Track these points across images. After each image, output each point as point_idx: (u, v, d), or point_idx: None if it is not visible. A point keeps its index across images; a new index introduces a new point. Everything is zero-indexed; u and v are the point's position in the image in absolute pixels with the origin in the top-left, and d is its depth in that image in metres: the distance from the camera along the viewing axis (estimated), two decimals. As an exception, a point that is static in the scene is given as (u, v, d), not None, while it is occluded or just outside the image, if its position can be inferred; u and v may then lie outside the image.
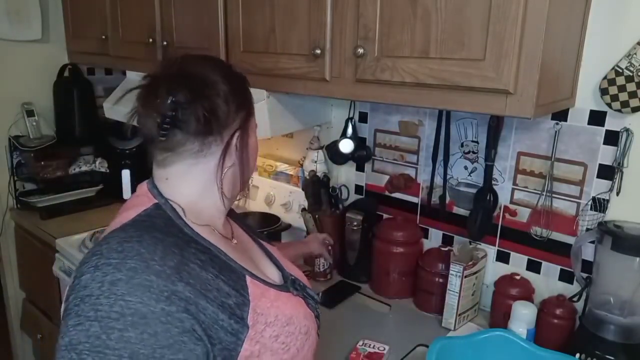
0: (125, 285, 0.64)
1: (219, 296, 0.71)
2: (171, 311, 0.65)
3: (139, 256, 0.66)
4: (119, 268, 0.65)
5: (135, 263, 0.66)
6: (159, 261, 0.67)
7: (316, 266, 1.61)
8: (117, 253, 0.67)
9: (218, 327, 0.69)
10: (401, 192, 1.65)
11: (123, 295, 0.64)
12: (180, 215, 0.78)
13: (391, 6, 1.08)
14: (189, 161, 0.80)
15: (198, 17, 1.53)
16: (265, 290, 0.80)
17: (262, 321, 0.75)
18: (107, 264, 0.66)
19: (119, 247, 0.68)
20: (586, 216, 1.27)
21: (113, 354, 0.62)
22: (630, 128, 1.17)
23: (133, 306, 0.63)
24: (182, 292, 0.66)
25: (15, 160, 2.11)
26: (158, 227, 0.73)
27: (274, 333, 0.77)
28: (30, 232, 2.03)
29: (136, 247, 0.68)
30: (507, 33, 0.91)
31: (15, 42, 2.07)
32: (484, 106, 0.99)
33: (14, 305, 2.29)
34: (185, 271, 0.68)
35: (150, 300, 0.64)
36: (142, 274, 0.65)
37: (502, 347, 1.04)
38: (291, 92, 1.40)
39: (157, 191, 0.81)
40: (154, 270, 0.66)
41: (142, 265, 0.66)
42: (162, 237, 0.71)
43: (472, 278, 1.37)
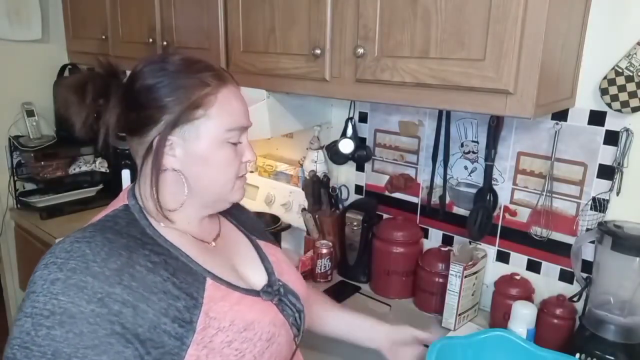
0: (61, 285, 0.66)
1: (165, 299, 0.71)
2: (102, 313, 0.66)
3: (82, 257, 0.68)
4: (61, 268, 0.67)
5: (76, 263, 0.67)
6: (100, 263, 0.68)
7: (317, 267, 1.61)
8: (65, 253, 0.69)
9: (160, 331, 0.69)
10: (401, 192, 1.65)
11: (57, 294, 0.66)
12: (146, 216, 0.79)
13: (391, 6, 1.08)
14: (136, 161, 0.81)
15: (198, 17, 1.53)
16: (227, 294, 0.79)
17: (214, 325, 0.74)
18: (54, 262, 0.68)
19: (69, 247, 0.69)
20: (586, 216, 1.27)
21: (38, 351, 0.64)
22: (630, 128, 1.17)
23: (64, 305, 0.65)
24: (119, 295, 0.67)
25: (15, 160, 2.11)
26: (116, 229, 0.74)
27: (227, 338, 0.75)
28: (30, 232, 2.03)
29: (83, 248, 0.69)
30: (507, 33, 0.91)
31: (15, 42, 2.07)
32: (484, 106, 0.99)
33: (14, 305, 2.30)
34: (128, 274, 0.69)
35: (81, 300, 0.65)
36: (80, 274, 0.67)
37: (502, 347, 1.04)
38: (291, 92, 1.40)
39: (132, 192, 0.82)
40: (93, 271, 0.67)
41: (82, 266, 0.67)
42: (114, 238, 0.72)
43: (472, 278, 1.37)
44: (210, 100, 0.77)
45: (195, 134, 0.77)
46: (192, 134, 0.77)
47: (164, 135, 0.76)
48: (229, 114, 0.79)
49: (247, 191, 2.00)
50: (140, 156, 0.80)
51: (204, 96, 0.77)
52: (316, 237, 1.69)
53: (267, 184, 1.92)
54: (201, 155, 0.78)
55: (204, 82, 0.78)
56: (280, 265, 0.95)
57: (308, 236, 1.74)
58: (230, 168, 0.81)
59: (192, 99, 0.76)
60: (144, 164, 0.79)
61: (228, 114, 0.79)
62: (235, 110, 0.81)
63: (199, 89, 0.77)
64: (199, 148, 0.78)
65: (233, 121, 0.80)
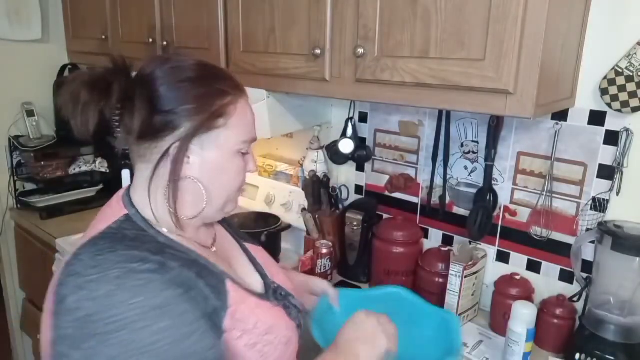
0: (122, 292, 0.64)
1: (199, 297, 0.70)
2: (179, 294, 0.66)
3: (117, 265, 0.65)
4: (104, 281, 0.64)
5: (118, 272, 0.65)
6: (138, 264, 0.66)
7: (317, 267, 1.61)
8: (93, 268, 0.65)
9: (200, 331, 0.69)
10: (401, 192, 1.65)
11: (128, 299, 0.63)
12: (152, 225, 0.76)
13: (391, 6, 1.08)
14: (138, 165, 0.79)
15: (198, 17, 1.53)
16: (246, 297, 0.79)
17: (239, 328, 0.74)
18: (88, 281, 0.65)
19: (92, 262, 0.66)
20: (586, 216, 1.27)
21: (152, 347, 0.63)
22: (630, 128, 1.17)
23: (146, 303, 0.64)
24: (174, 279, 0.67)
25: (15, 160, 2.11)
26: (129, 238, 0.72)
27: (251, 341, 0.75)
28: (30, 232, 2.03)
29: (110, 257, 0.66)
30: (507, 33, 0.91)
31: (15, 42, 2.07)
32: (484, 106, 0.99)
33: (14, 305, 2.29)
34: (168, 267, 0.68)
35: (155, 292, 0.65)
36: (131, 277, 0.65)
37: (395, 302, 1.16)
38: (291, 92, 1.40)
39: (128, 199, 0.79)
40: (139, 270, 0.65)
41: (125, 271, 0.65)
42: (136, 244, 0.70)
43: (472, 278, 1.37)
44: (231, 110, 0.77)
45: (213, 143, 0.76)
46: (211, 142, 0.76)
47: (184, 143, 0.74)
48: (246, 124, 0.80)
49: (247, 191, 2.01)
50: (150, 161, 0.76)
51: (225, 105, 0.76)
52: (316, 237, 1.69)
53: (267, 184, 1.92)
54: (217, 165, 0.77)
55: (225, 91, 0.77)
56: (269, 267, 0.95)
57: (308, 236, 1.73)
58: (239, 178, 0.81)
59: (214, 108, 0.75)
60: (156, 169, 0.75)
61: (245, 124, 0.79)
62: (250, 121, 0.81)
63: (220, 98, 0.76)
64: (216, 157, 0.77)
65: (248, 132, 0.80)
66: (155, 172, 0.75)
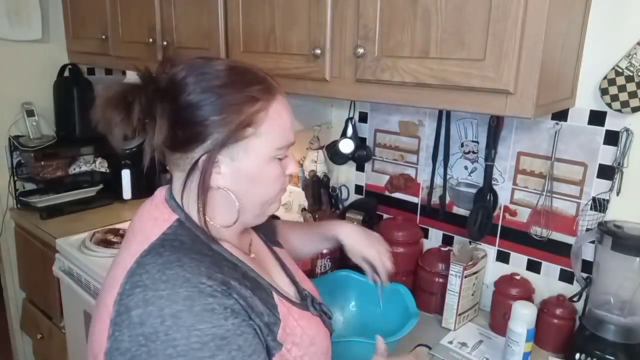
0: (189, 315, 0.63)
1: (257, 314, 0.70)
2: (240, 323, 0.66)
3: (187, 283, 0.65)
4: (174, 299, 0.63)
5: (187, 291, 0.64)
6: (207, 282, 0.65)
7: (318, 267, 1.61)
8: (164, 283, 0.65)
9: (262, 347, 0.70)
10: (401, 192, 1.65)
11: (193, 325, 0.63)
12: (205, 230, 0.75)
13: (391, 6, 1.08)
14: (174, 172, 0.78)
15: (198, 17, 1.53)
16: (290, 308, 0.78)
17: (290, 340, 0.73)
18: (157, 296, 0.64)
19: (162, 275, 0.65)
20: (586, 216, 1.27)
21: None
22: (630, 128, 1.17)
23: (209, 332, 0.63)
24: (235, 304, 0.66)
25: (15, 160, 2.11)
26: (188, 246, 0.71)
27: (299, 353, 0.74)
28: (30, 232, 2.03)
29: (180, 273, 0.65)
30: (507, 33, 0.91)
31: (15, 42, 2.07)
32: (484, 106, 0.99)
33: (14, 305, 2.29)
34: (231, 287, 0.68)
35: (219, 320, 0.64)
36: (200, 299, 0.64)
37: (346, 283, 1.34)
38: (291, 92, 1.39)
39: (174, 203, 0.77)
40: (207, 292, 0.65)
41: (195, 291, 0.64)
42: (199, 257, 0.69)
43: (472, 278, 1.37)
44: (260, 117, 0.73)
45: (243, 153, 0.73)
46: (241, 152, 0.73)
47: (212, 155, 0.72)
48: (279, 130, 0.75)
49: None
50: (184, 170, 0.75)
51: (253, 113, 0.72)
52: (316, 237, 1.69)
53: (267, 184, 1.92)
54: (249, 174, 0.74)
55: (254, 98, 0.72)
56: (296, 271, 0.93)
57: (308, 236, 1.73)
58: (277, 183, 0.78)
59: (241, 118, 0.71)
60: (188, 178, 0.74)
61: (278, 130, 0.75)
62: (285, 124, 0.76)
63: (249, 105, 0.72)
64: (247, 166, 0.74)
65: (283, 137, 0.76)
66: (187, 181, 0.74)
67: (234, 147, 0.72)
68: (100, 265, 1.64)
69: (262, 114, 0.73)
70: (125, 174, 2.20)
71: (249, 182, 0.75)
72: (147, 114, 0.70)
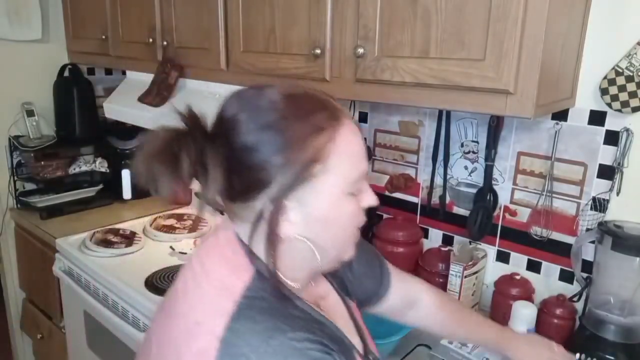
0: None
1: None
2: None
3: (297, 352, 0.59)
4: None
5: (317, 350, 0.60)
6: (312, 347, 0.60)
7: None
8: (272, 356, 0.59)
9: None
10: (401, 192, 1.65)
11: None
12: (285, 283, 0.67)
13: (391, 6, 1.08)
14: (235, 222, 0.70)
15: (198, 17, 1.53)
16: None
17: None
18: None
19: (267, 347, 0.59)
20: (586, 216, 1.27)
21: None
22: (631, 128, 1.17)
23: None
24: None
25: (15, 160, 2.11)
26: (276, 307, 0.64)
27: None
28: (30, 232, 2.03)
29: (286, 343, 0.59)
30: (507, 33, 0.91)
31: (15, 42, 2.07)
32: (484, 106, 0.99)
33: (14, 305, 2.29)
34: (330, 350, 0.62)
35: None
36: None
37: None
38: (291, 92, 1.40)
39: (247, 247, 0.68)
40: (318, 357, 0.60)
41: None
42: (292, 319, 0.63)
43: (472, 278, 1.37)
44: (329, 149, 0.62)
45: (314, 195, 0.63)
46: (311, 194, 0.63)
47: (278, 203, 0.63)
48: (351, 160, 0.65)
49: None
50: (248, 221, 0.66)
51: (320, 147, 0.62)
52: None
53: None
54: (323, 217, 0.65)
55: (320, 128, 0.62)
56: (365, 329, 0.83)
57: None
58: (354, 222, 0.68)
59: (307, 155, 0.61)
60: (254, 231, 0.66)
61: (349, 161, 0.65)
62: (356, 153, 0.66)
63: (313, 138, 0.62)
64: (320, 209, 0.64)
65: (356, 168, 0.66)
66: (254, 232, 0.66)
67: (302, 189, 0.62)
68: (100, 265, 1.64)
69: (330, 145, 0.63)
70: (125, 174, 2.20)
71: (324, 226, 0.66)
72: (197, 163, 0.62)
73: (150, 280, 1.55)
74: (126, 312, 1.51)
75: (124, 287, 1.51)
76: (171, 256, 1.72)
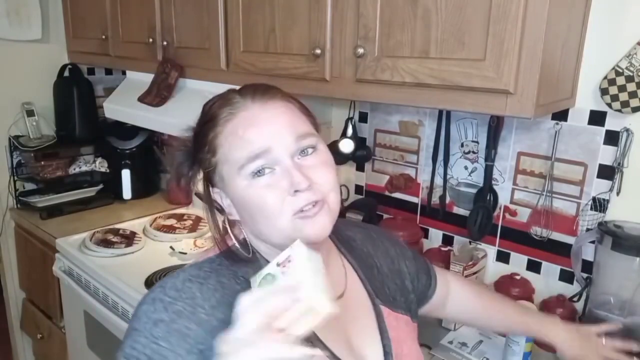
0: (165, 328, 0.62)
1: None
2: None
3: (190, 300, 0.63)
4: (167, 308, 0.63)
5: (182, 307, 0.63)
6: (208, 310, 0.63)
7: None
8: (175, 291, 0.65)
9: None
10: (401, 192, 1.65)
11: (158, 339, 0.61)
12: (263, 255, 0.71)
13: (391, 6, 1.08)
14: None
15: (198, 17, 1.53)
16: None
17: None
18: (161, 300, 0.64)
19: (180, 284, 0.65)
20: (586, 216, 1.27)
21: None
22: (631, 128, 1.17)
23: (163, 352, 0.61)
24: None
25: (15, 160, 2.11)
26: (233, 269, 0.69)
27: None
28: (30, 232, 2.03)
29: (193, 290, 0.65)
30: (507, 33, 0.91)
31: (15, 42, 2.07)
32: (484, 106, 0.99)
33: (14, 305, 2.29)
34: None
35: (181, 349, 0.61)
36: (185, 319, 0.62)
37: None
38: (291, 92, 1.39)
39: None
40: (198, 318, 0.62)
41: (189, 310, 0.63)
42: (228, 283, 0.66)
43: (472, 278, 1.37)
44: (218, 141, 0.69)
45: (223, 183, 0.70)
46: (222, 182, 0.70)
47: (206, 190, 0.72)
48: (235, 144, 0.67)
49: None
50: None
51: (212, 140, 0.69)
52: (316, 237, 1.69)
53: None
54: (237, 200, 0.69)
55: (215, 123, 0.69)
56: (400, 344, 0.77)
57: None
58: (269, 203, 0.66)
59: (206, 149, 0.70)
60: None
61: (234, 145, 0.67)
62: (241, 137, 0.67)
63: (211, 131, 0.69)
64: (232, 193, 0.69)
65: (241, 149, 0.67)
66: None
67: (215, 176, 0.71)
68: (100, 265, 1.64)
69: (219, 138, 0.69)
70: (125, 174, 2.20)
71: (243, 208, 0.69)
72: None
73: (150, 280, 1.55)
74: (126, 312, 1.51)
75: (124, 287, 1.51)
76: (171, 256, 1.72)
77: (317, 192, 0.67)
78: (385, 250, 0.88)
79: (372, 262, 0.84)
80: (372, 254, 0.85)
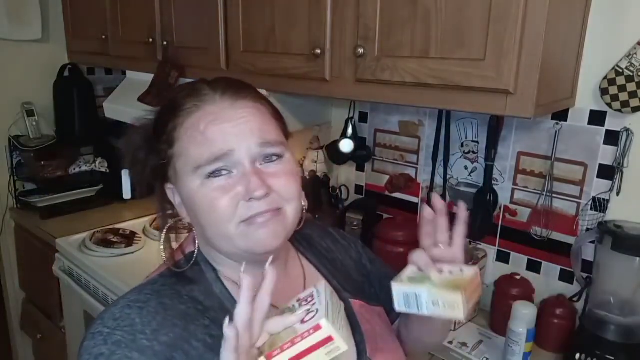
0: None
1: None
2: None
3: (129, 327, 0.60)
4: (106, 340, 0.60)
5: (122, 335, 0.60)
6: (149, 335, 0.60)
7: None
8: (113, 321, 0.61)
9: None
10: (401, 192, 1.65)
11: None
12: (213, 267, 0.68)
13: (391, 6, 1.08)
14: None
15: (198, 17, 1.53)
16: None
17: None
18: (100, 332, 0.61)
19: (118, 313, 0.62)
20: (586, 216, 1.27)
21: None
22: (631, 128, 1.17)
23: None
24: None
25: (15, 160, 2.11)
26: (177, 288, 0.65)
27: None
28: (30, 232, 2.03)
29: (133, 316, 0.61)
30: (507, 33, 0.91)
31: (15, 42, 2.07)
32: (484, 106, 0.99)
33: (14, 305, 2.29)
34: (182, 350, 0.60)
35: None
36: (125, 349, 0.59)
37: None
38: (291, 92, 1.40)
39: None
40: (139, 345, 0.59)
41: (129, 339, 0.59)
42: (171, 304, 0.63)
43: (472, 278, 1.37)
44: (178, 133, 0.65)
45: (177, 176, 0.66)
46: (176, 177, 0.66)
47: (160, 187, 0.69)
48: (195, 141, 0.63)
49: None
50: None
51: (171, 130, 0.66)
52: (316, 237, 1.69)
53: (267, 184, 1.92)
54: (188, 199, 0.65)
55: (177, 113, 0.66)
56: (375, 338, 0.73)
57: (308, 236, 1.73)
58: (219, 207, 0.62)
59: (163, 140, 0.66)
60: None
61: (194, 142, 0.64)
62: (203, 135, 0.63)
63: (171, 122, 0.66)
64: (183, 191, 0.66)
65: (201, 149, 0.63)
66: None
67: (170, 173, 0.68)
68: (100, 265, 1.64)
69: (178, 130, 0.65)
70: (125, 174, 2.20)
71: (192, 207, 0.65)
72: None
73: (150, 280, 1.54)
74: (126, 312, 1.50)
75: (124, 287, 1.51)
76: (171, 256, 1.72)
77: (273, 201, 0.63)
78: (346, 246, 0.86)
79: (333, 256, 0.82)
80: (333, 249, 0.83)
